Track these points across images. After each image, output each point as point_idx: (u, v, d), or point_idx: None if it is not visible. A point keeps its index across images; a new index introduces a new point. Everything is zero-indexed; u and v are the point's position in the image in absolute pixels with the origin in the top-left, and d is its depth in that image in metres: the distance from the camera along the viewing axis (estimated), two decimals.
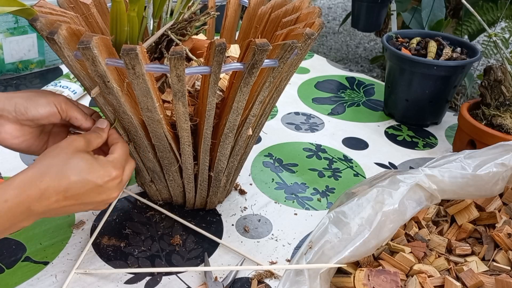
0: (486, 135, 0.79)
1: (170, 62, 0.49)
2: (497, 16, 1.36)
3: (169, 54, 0.48)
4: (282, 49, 0.52)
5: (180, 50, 0.48)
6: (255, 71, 0.52)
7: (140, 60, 0.48)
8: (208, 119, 0.57)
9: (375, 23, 1.55)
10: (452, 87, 0.96)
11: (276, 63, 0.54)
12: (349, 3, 2.50)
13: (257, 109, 0.60)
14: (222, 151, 0.63)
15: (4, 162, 0.82)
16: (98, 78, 0.51)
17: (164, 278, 0.61)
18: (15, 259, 0.63)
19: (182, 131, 0.58)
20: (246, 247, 0.67)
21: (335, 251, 0.55)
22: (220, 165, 0.66)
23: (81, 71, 0.54)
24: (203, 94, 0.56)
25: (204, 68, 0.52)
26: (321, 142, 0.94)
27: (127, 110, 0.55)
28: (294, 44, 0.52)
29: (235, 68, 0.53)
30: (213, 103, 0.56)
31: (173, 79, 0.51)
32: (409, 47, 1.00)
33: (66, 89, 1.01)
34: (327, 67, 1.30)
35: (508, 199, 0.68)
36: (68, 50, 0.51)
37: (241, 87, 0.54)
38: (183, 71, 0.50)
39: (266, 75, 0.55)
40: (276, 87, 0.62)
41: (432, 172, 0.62)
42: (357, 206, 0.58)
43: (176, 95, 0.53)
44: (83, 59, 0.49)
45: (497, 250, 0.62)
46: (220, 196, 0.73)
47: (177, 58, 0.48)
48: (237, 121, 0.59)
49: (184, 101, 0.54)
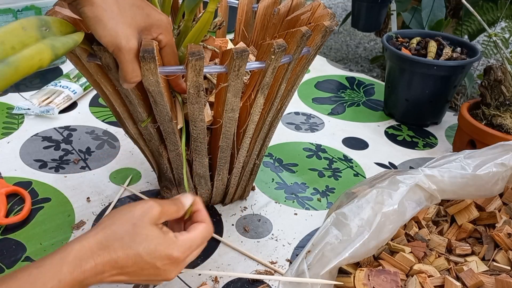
0: (486, 135, 0.79)
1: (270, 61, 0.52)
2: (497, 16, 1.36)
3: (275, 56, 0.51)
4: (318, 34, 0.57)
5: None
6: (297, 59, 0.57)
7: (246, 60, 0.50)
8: (272, 108, 0.61)
9: (375, 23, 1.55)
10: (452, 87, 0.96)
11: (308, 51, 0.57)
12: (349, 3, 2.50)
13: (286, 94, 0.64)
14: (262, 135, 0.66)
15: (4, 162, 0.82)
16: (193, 89, 0.51)
17: None
18: (15, 259, 0.63)
19: (252, 123, 0.60)
20: (246, 247, 0.67)
21: (335, 252, 0.55)
22: (263, 150, 0.70)
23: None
24: (273, 87, 0.58)
25: (286, 56, 0.54)
26: (321, 142, 0.94)
27: (204, 117, 0.56)
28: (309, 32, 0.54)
29: (287, 61, 0.55)
30: (283, 90, 0.60)
31: (268, 77, 0.54)
32: (409, 47, 1.00)
33: (66, 89, 1.01)
34: (327, 67, 1.30)
35: (508, 199, 0.68)
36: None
37: (287, 74, 0.57)
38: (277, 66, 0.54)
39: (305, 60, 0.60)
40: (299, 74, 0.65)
41: (432, 172, 0.62)
42: (357, 207, 0.58)
43: (263, 88, 0.56)
44: (189, 70, 0.49)
45: (497, 250, 0.62)
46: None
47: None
48: (278, 106, 0.63)
49: (266, 94, 0.57)
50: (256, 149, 0.67)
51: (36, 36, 0.42)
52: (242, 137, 0.62)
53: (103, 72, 0.54)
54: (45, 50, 0.41)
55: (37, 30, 0.42)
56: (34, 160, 0.83)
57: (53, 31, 0.44)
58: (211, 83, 0.63)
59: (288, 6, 0.71)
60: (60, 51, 0.43)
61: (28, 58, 0.39)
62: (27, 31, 0.41)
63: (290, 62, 0.55)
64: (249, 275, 0.61)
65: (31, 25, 0.42)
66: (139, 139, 0.63)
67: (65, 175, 0.80)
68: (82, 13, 0.45)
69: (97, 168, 0.82)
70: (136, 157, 0.85)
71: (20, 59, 0.39)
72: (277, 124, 0.68)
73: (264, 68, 0.53)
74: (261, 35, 0.75)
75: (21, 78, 0.39)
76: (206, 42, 0.65)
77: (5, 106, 0.99)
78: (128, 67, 0.47)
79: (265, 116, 0.61)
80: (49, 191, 0.76)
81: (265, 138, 0.67)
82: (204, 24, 0.56)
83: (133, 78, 0.48)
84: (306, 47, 0.56)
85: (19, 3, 1.08)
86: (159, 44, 0.51)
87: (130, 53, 0.47)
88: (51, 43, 0.42)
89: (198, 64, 0.49)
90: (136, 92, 0.54)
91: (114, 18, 0.46)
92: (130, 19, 0.47)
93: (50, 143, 0.88)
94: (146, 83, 0.50)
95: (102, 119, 0.97)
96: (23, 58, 0.39)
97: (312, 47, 0.58)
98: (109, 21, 0.45)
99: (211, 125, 0.60)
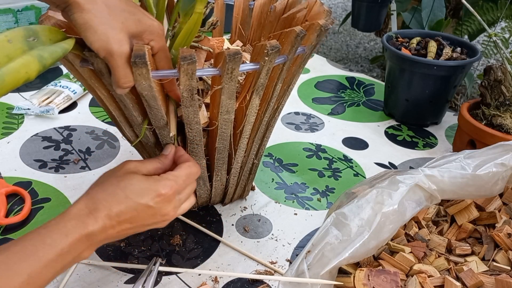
0: (486, 135, 0.79)
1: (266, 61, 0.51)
2: (497, 16, 1.36)
3: (269, 57, 0.51)
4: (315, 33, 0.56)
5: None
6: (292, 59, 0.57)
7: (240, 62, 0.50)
8: (268, 108, 0.61)
9: (375, 23, 1.55)
10: (452, 87, 0.96)
11: (304, 50, 0.57)
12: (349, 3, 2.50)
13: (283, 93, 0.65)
14: (259, 135, 0.66)
15: (4, 162, 0.82)
16: (186, 93, 0.51)
17: (164, 278, 0.61)
18: None
19: (248, 124, 0.60)
20: (246, 247, 0.67)
21: (335, 252, 0.55)
22: (262, 149, 0.69)
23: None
24: (268, 87, 0.58)
25: (281, 57, 0.54)
26: (321, 142, 0.94)
27: (200, 119, 0.56)
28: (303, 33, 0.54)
29: (281, 61, 0.56)
30: (279, 90, 0.60)
31: (263, 78, 0.54)
32: (409, 47, 1.00)
33: (66, 89, 1.01)
34: (327, 67, 1.30)
35: (508, 199, 0.68)
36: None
37: (282, 74, 0.57)
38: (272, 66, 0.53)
39: (300, 59, 0.60)
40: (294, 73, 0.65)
41: (431, 172, 0.62)
42: (357, 207, 0.58)
43: (258, 89, 0.55)
44: (181, 75, 0.49)
45: (497, 250, 0.62)
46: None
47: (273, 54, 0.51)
48: (275, 106, 0.63)
49: (261, 94, 0.57)
50: (254, 149, 0.67)
51: (22, 48, 0.41)
52: (239, 138, 0.62)
53: (97, 77, 0.53)
54: (31, 62, 0.40)
55: (23, 41, 0.41)
56: (34, 160, 0.83)
57: (42, 40, 0.43)
58: (207, 84, 0.63)
59: (284, 4, 0.71)
60: (48, 62, 0.42)
61: (14, 71, 0.39)
62: (12, 43, 0.40)
63: (285, 62, 0.55)
64: (249, 275, 0.62)
65: (17, 37, 0.41)
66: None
67: (65, 175, 0.80)
68: (72, 19, 0.45)
69: (97, 168, 0.82)
70: (135, 158, 0.85)
71: (6, 73, 0.38)
72: (275, 124, 0.68)
73: (258, 69, 0.53)
74: (258, 33, 0.75)
75: (8, 91, 0.39)
76: (201, 43, 0.65)
77: (5, 106, 0.99)
78: (120, 72, 0.47)
79: (261, 117, 0.61)
80: (49, 191, 0.76)
81: (262, 138, 0.67)
82: (192, 25, 0.55)
83: (125, 83, 0.48)
84: (301, 47, 0.56)
85: (19, 3, 1.08)
86: (151, 50, 0.51)
87: (122, 58, 0.47)
88: (38, 53, 0.41)
89: (190, 68, 0.48)
90: (131, 96, 0.53)
91: (105, 23, 0.46)
92: (121, 24, 0.47)
93: (50, 143, 0.88)
94: (139, 88, 0.49)
95: (102, 119, 0.97)
96: (8, 72, 0.38)
97: (307, 47, 0.57)
98: (99, 27, 0.45)
99: (207, 127, 0.60)
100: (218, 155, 0.63)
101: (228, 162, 0.66)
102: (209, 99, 0.59)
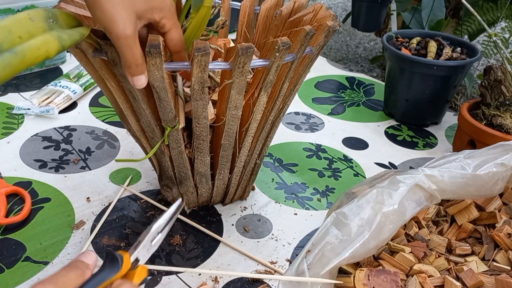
0: (486, 135, 0.79)
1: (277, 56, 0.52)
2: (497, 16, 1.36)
3: (279, 53, 0.51)
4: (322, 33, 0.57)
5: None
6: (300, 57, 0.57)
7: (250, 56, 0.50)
8: (274, 107, 0.61)
9: (375, 23, 1.55)
10: (452, 87, 0.96)
11: (311, 50, 0.58)
12: (349, 3, 2.50)
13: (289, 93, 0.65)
14: (264, 135, 0.66)
15: (4, 162, 0.82)
16: (197, 85, 0.51)
17: (164, 278, 0.61)
18: (15, 259, 0.63)
19: (254, 122, 0.60)
20: (246, 247, 0.67)
21: (335, 252, 0.55)
22: (264, 150, 0.69)
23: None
24: (276, 85, 0.59)
25: (290, 55, 0.54)
26: (321, 142, 0.94)
27: (208, 114, 0.56)
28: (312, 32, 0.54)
29: (290, 60, 0.56)
30: (285, 89, 0.60)
31: (272, 75, 0.54)
32: (409, 47, 1.00)
33: (66, 89, 1.01)
34: (327, 67, 1.30)
35: (508, 199, 0.68)
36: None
37: (290, 72, 0.58)
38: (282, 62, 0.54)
39: (308, 60, 0.61)
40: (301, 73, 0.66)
41: (432, 172, 0.62)
42: (357, 207, 0.58)
43: (266, 86, 0.56)
44: (194, 66, 0.49)
45: (497, 250, 0.62)
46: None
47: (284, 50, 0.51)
48: (280, 105, 0.63)
49: (269, 92, 0.57)
50: (258, 148, 0.67)
51: (43, 27, 0.41)
52: (244, 136, 0.62)
53: (108, 67, 0.54)
54: (51, 41, 0.41)
55: (44, 21, 0.42)
56: (34, 160, 0.83)
57: (60, 23, 0.44)
58: (214, 81, 0.63)
59: (290, 8, 0.72)
60: (67, 43, 0.42)
61: (35, 48, 0.39)
62: (34, 21, 0.41)
63: (293, 61, 0.55)
64: (249, 275, 0.62)
65: (39, 16, 0.42)
66: (141, 136, 0.63)
67: (65, 175, 0.80)
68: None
69: (97, 168, 0.82)
70: (136, 157, 0.85)
71: (27, 49, 0.39)
72: (279, 124, 0.68)
73: (268, 65, 0.53)
74: (263, 36, 0.75)
75: (27, 67, 0.39)
76: (209, 41, 0.65)
77: (5, 106, 0.99)
78: (128, 52, 0.47)
79: (267, 115, 0.61)
80: (49, 191, 0.76)
81: (266, 138, 0.68)
82: (201, 19, 0.56)
83: (137, 69, 0.48)
84: (309, 47, 0.56)
85: (19, 3, 1.08)
86: (163, 28, 0.50)
87: (127, 38, 0.46)
88: (58, 34, 0.42)
89: (203, 59, 0.49)
90: None
91: (112, 1, 0.45)
92: (129, 2, 0.46)
93: (50, 143, 0.88)
94: (151, 78, 0.50)
95: (102, 119, 0.97)
96: (29, 48, 0.39)
97: (315, 47, 0.58)
98: (105, 4, 0.45)
99: (214, 123, 0.60)
100: (222, 152, 0.63)
101: (231, 161, 0.66)
102: (216, 96, 0.59)
